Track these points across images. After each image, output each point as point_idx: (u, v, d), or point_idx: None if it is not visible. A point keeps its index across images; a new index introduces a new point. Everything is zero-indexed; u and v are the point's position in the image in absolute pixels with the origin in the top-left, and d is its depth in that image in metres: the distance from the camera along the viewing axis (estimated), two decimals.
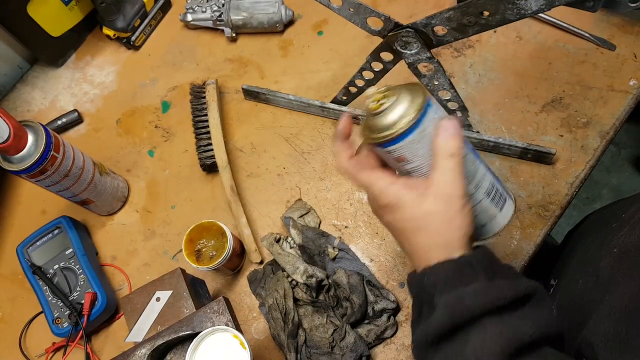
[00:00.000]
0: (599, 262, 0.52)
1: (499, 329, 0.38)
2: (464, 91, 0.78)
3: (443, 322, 0.39)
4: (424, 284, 0.42)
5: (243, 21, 0.86)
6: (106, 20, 0.88)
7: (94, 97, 0.90)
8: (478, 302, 0.38)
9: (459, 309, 0.39)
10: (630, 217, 0.53)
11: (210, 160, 0.76)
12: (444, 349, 0.40)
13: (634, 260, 0.46)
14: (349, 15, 0.58)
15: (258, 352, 0.67)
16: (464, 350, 0.38)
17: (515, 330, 0.38)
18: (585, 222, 0.70)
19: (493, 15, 0.47)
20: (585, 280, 0.54)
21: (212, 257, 0.67)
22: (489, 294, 0.39)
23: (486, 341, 0.37)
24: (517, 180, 0.71)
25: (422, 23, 0.52)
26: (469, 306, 0.39)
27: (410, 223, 0.42)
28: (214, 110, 0.78)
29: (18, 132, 0.61)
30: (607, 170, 1.70)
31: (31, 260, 0.72)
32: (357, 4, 0.56)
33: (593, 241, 0.59)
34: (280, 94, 0.80)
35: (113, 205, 0.79)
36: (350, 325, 0.63)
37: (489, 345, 0.37)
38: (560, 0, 0.43)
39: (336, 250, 0.69)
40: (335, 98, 0.76)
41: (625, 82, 0.74)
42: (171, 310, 0.59)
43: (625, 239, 0.50)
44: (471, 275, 0.40)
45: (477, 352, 0.37)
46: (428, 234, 0.42)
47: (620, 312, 0.43)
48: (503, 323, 0.38)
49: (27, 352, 0.72)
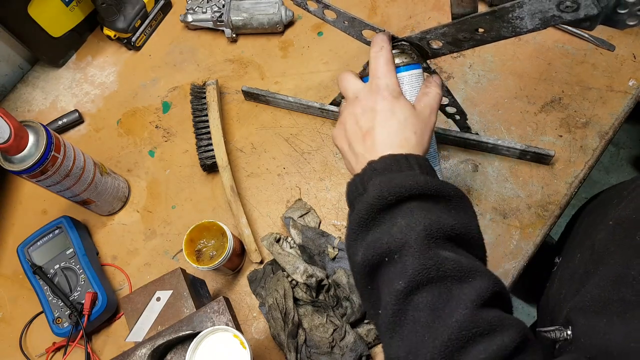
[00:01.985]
0: (596, 235, 0.53)
1: (424, 213, 0.40)
2: (463, 92, 0.78)
3: (373, 200, 0.41)
4: (362, 177, 0.45)
5: (243, 22, 0.86)
6: (107, 20, 0.88)
7: (95, 98, 0.90)
8: (407, 183, 0.41)
9: (388, 187, 0.41)
10: (629, 194, 0.55)
11: (211, 161, 0.76)
12: (373, 232, 0.42)
13: (627, 231, 0.47)
14: (344, 28, 0.58)
15: (258, 351, 0.67)
16: (391, 229, 0.40)
17: (439, 220, 0.40)
18: (592, 201, 0.70)
19: (488, 32, 0.47)
20: (583, 253, 0.56)
21: (212, 257, 0.67)
22: (418, 180, 0.42)
23: (412, 222, 0.40)
24: (517, 180, 0.71)
25: (417, 37, 0.53)
26: (397, 184, 0.41)
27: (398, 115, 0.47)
28: (215, 110, 0.78)
29: (19, 132, 0.61)
30: (606, 171, 1.70)
31: (32, 260, 0.73)
32: (352, 17, 0.56)
33: (595, 218, 0.61)
34: (280, 96, 0.80)
35: (114, 205, 0.79)
36: (350, 325, 0.64)
37: (414, 226, 0.40)
38: (556, 20, 0.44)
39: (336, 250, 0.70)
40: (335, 100, 0.76)
41: (625, 83, 0.75)
42: (171, 310, 0.59)
43: (621, 212, 0.52)
44: (407, 167, 0.44)
45: (403, 230, 0.40)
46: (406, 130, 0.47)
47: (610, 279, 0.44)
48: (429, 211, 0.41)
49: (27, 351, 0.72)
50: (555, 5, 0.42)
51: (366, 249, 0.41)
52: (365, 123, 0.48)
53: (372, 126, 0.47)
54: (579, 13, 0.42)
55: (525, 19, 0.45)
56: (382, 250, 0.40)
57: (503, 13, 0.45)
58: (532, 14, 0.44)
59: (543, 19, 0.44)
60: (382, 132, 0.47)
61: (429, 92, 0.51)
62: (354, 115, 0.49)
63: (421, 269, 0.38)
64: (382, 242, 0.40)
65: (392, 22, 0.86)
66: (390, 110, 0.47)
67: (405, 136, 0.47)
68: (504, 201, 0.70)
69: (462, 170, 0.73)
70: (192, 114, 0.80)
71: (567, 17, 0.43)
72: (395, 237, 0.40)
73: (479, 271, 0.38)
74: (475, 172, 0.73)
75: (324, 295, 0.66)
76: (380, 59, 0.50)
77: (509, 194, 0.71)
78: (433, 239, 0.39)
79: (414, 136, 0.47)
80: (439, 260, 0.38)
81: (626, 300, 0.41)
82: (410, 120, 0.47)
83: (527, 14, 0.44)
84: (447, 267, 0.38)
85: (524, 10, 0.44)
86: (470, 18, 0.47)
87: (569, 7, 0.42)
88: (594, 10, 0.41)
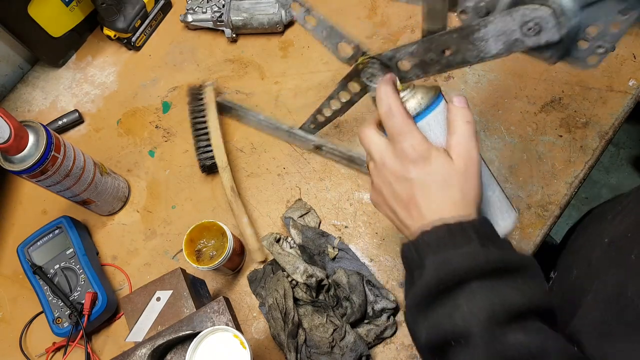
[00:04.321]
0: (592, 252, 0.53)
1: (487, 295, 0.37)
2: (463, 91, 0.78)
3: (430, 284, 0.39)
4: (417, 248, 0.42)
5: (243, 22, 0.86)
6: (107, 20, 0.88)
7: (95, 98, 0.90)
8: (465, 264, 0.38)
9: (445, 269, 0.38)
10: (623, 209, 0.54)
11: (210, 162, 0.76)
12: (435, 314, 0.39)
13: (622, 248, 0.47)
14: (322, 38, 0.57)
15: (258, 351, 0.67)
16: (453, 315, 0.38)
17: (504, 299, 0.37)
18: (586, 217, 0.70)
19: (455, 54, 0.47)
20: (579, 270, 0.55)
21: (212, 257, 0.67)
22: (478, 257, 0.38)
23: (474, 307, 0.37)
24: (517, 180, 0.71)
25: (387, 56, 0.51)
26: (456, 268, 0.38)
27: (435, 177, 0.43)
28: (213, 112, 0.78)
29: (19, 132, 0.61)
30: (606, 170, 1.70)
31: (32, 260, 0.73)
32: (330, 26, 0.56)
33: (590, 234, 0.60)
34: (251, 113, 0.79)
35: (114, 205, 0.79)
36: (350, 325, 0.64)
37: (477, 312, 0.37)
38: (518, 44, 0.43)
39: (336, 250, 0.70)
40: (303, 125, 0.75)
41: (625, 83, 0.75)
42: (171, 310, 0.59)
43: (616, 229, 0.51)
44: (463, 240, 0.40)
45: (466, 317, 0.37)
46: (449, 190, 0.42)
47: (607, 299, 0.44)
48: (492, 290, 0.38)
49: (27, 351, 0.72)
50: (519, 27, 0.42)
51: (429, 331, 0.39)
52: (403, 192, 0.44)
53: (412, 195, 0.44)
54: (540, 38, 0.42)
55: (489, 41, 0.44)
56: (447, 335, 0.38)
57: (469, 32, 0.44)
58: (497, 35, 0.43)
59: (506, 43, 0.44)
60: (424, 201, 0.43)
61: (456, 131, 0.44)
62: (388, 184, 0.45)
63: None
64: (445, 328, 0.38)
65: (392, 22, 0.86)
66: (425, 175, 0.43)
67: (451, 199, 0.42)
68: None
69: None
70: (190, 116, 0.80)
71: (529, 42, 0.42)
72: (459, 324, 0.37)
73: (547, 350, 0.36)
74: None
75: (324, 295, 0.66)
76: (394, 118, 0.44)
77: (509, 194, 0.70)
78: (497, 324, 0.36)
79: (460, 194, 0.43)
80: (505, 350, 0.35)
81: (628, 323, 0.40)
82: (451, 181, 0.43)
83: (491, 35, 0.44)
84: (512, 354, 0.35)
85: (489, 31, 0.43)
86: (439, 36, 0.46)
87: (532, 30, 0.41)
88: (556, 35, 0.41)
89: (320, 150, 0.75)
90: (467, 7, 0.45)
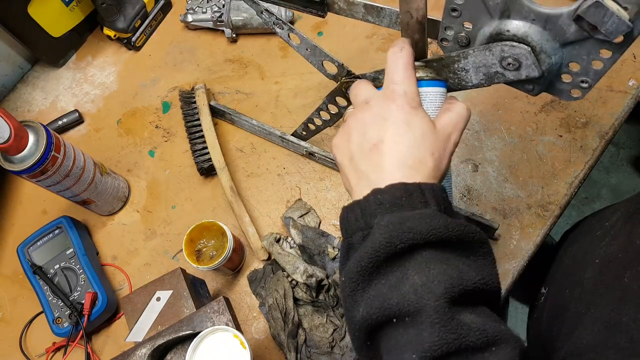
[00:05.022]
0: (583, 272, 0.51)
1: (444, 267, 0.33)
2: (464, 91, 0.78)
3: (379, 247, 0.34)
4: (364, 209, 0.37)
5: (243, 22, 0.86)
6: (107, 20, 0.88)
7: (95, 98, 0.90)
8: (422, 227, 0.34)
9: (398, 229, 0.34)
10: (611, 227, 0.53)
11: (207, 164, 0.76)
12: (378, 284, 0.35)
13: (614, 272, 0.46)
14: (306, 55, 0.57)
15: (258, 351, 0.67)
16: (401, 285, 0.33)
17: (461, 274, 0.33)
18: (578, 227, 0.70)
19: None
20: (571, 290, 0.53)
21: (212, 257, 0.67)
22: (436, 222, 0.34)
23: (430, 278, 0.33)
24: (517, 180, 0.71)
25: (370, 76, 0.51)
26: (411, 228, 0.34)
27: (414, 129, 0.40)
28: (206, 114, 0.78)
29: (19, 132, 0.61)
30: (606, 170, 1.70)
31: (32, 260, 0.73)
32: (313, 45, 0.56)
33: (579, 249, 0.60)
34: (244, 117, 0.79)
35: (114, 205, 0.79)
36: None
37: (432, 284, 0.33)
38: (499, 77, 0.43)
39: (336, 250, 0.70)
40: (295, 132, 0.75)
41: (625, 83, 0.75)
42: (171, 310, 0.59)
43: (606, 250, 0.50)
44: (421, 203, 0.36)
45: (418, 289, 0.33)
46: (420, 149, 0.39)
47: (602, 324, 0.42)
48: (447, 262, 0.34)
49: (27, 351, 0.72)
50: (498, 61, 0.41)
51: (369, 305, 0.34)
52: (373, 134, 0.40)
53: (382, 139, 0.40)
54: (520, 73, 0.41)
55: (470, 72, 0.44)
56: (391, 311, 0.33)
57: (449, 62, 0.44)
58: (477, 67, 0.43)
59: (487, 75, 0.43)
60: (392, 147, 0.39)
61: (452, 108, 0.43)
62: (361, 123, 0.41)
63: (441, 343, 0.31)
64: (390, 302, 0.33)
65: None
66: (405, 121, 0.40)
67: (420, 157, 0.39)
68: (504, 201, 0.70)
69: (462, 170, 0.73)
70: (184, 120, 0.80)
71: (509, 75, 0.42)
72: (409, 298, 0.33)
73: (503, 337, 0.33)
74: (476, 172, 0.73)
75: (324, 295, 0.66)
76: (400, 61, 0.42)
77: (509, 194, 0.71)
78: (454, 302, 0.32)
79: (431, 159, 0.39)
80: (461, 331, 0.32)
81: (621, 348, 0.38)
82: (429, 138, 0.39)
83: (472, 66, 0.43)
84: (470, 339, 0.32)
85: (469, 62, 0.43)
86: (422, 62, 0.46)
87: (511, 65, 0.41)
88: (535, 72, 0.40)
89: (312, 157, 0.76)
90: (447, 35, 0.45)
